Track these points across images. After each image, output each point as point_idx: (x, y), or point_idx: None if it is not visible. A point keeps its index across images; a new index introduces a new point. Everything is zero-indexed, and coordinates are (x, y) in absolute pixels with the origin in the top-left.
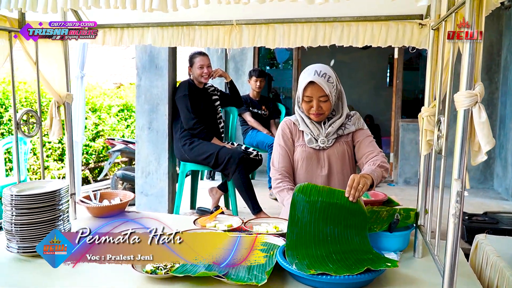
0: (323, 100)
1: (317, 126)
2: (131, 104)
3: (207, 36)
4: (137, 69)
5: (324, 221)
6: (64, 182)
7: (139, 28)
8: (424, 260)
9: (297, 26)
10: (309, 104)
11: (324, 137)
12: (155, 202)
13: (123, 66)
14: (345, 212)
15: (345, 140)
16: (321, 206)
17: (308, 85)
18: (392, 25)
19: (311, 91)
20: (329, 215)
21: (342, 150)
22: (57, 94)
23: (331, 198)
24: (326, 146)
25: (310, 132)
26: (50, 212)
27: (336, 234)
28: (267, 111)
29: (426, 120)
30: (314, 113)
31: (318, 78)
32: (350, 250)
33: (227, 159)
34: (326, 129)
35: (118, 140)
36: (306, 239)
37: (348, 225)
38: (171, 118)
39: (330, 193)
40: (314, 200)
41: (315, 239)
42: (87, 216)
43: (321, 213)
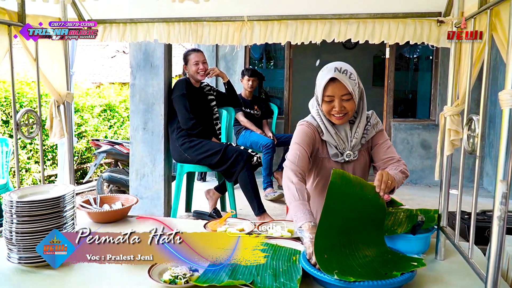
0: (346, 99)
1: (342, 137)
2: (114, 104)
3: (216, 33)
4: (131, 67)
5: (353, 213)
6: (69, 187)
7: (144, 24)
8: (447, 263)
9: (311, 23)
10: (330, 104)
11: (350, 150)
12: (150, 205)
13: (102, 65)
14: (371, 207)
15: (365, 148)
16: (354, 199)
17: (328, 83)
18: (409, 22)
19: (332, 89)
20: (357, 210)
21: (364, 161)
22: (57, 92)
23: (364, 191)
24: (351, 159)
25: (336, 145)
26: (54, 219)
27: (358, 231)
28: (260, 111)
29: (450, 119)
30: (336, 114)
31: (340, 75)
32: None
33: (235, 156)
34: (351, 141)
35: (104, 141)
36: (334, 230)
37: (371, 220)
38: (167, 118)
39: (362, 186)
40: (349, 193)
41: (341, 230)
42: (87, 222)
43: (352, 205)
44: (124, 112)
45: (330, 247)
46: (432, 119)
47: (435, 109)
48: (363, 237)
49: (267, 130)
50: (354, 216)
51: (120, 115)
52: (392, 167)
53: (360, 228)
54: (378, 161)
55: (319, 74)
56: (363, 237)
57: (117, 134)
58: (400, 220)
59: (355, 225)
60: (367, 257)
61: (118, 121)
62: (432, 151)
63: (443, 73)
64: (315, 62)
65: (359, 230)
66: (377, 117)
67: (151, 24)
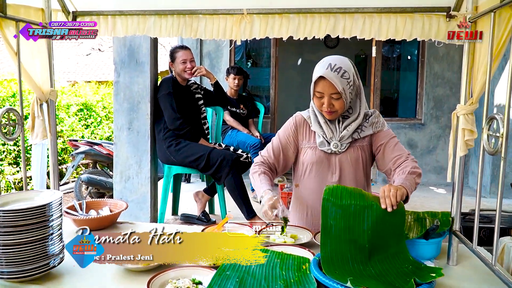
0: (336, 98)
1: (331, 127)
2: (90, 103)
3: (213, 27)
4: (115, 64)
5: (360, 226)
6: (56, 193)
7: (134, 16)
8: (460, 268)
9: (314, 17)
10: (320, 100)
11: (337, 140)
12: (136, 209)
13: (76, 63)
14: (382, 214)
15: (360, 145)
16: (355, 210)
17: (319, 80)
18: (417, 17)
19: (322, 86)
20: (365, 218)
21: (355, 156)
22: (40, 89)
23: (365, 200)
24: (338, 150)
25: (323, 134)
26: (40, 230)
27: (374, 239)
28: (246, 110)
29: (464, 118)
30: (326, 111)
31: (330, 73)
32: (387, 257)
33: (219, 161)
34: (341, 132)
35: (82, 142)
36: (342, 249)
37: (386, 227)
38: (153, 118)
39: (362, 196)
40: (347, 204)
41: (351, 247)
42: (73, 229)
43: (356, 217)
44: (102, 111)
45: (340, 262)
46: (418, 118)
47: (421, 108)
48: (379, 246)
49: (253, 129)
50: (364, 227)
51: (97, 115)
52: (400, 171)
53: (376, 239)
54: (388, 162)
55: (315, 67)
56: (380, 247)
57: (94, 134)
58: (408, 224)
59: (368, 237)
60: (383, 270)
61: (95, 121)
62: (419, 150)
63: (429, 72)
64: (297, 61)
65: (375, 242)
66: (381, 117)
67: (142, 16)
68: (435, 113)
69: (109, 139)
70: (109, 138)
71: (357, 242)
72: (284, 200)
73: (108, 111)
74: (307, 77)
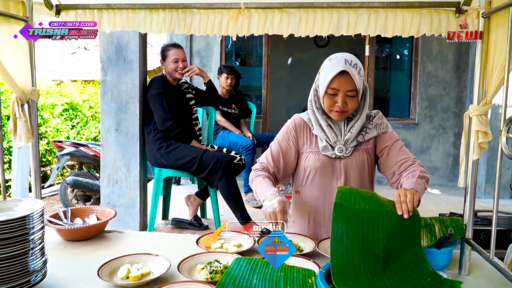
0: (351, 95)
1: (334, 130)
2: (76, 103)
3: (208, 22)
4: (102, 62)
5: (374, 233)
6: (38, 203)
7: (123, 11)
8: (473, 278)
9: (316, 12)
10: (333, 99)
11: (342, 145)
12: (124, 214)
13: (61, 62)
14: (398, 220)
15: (365, 148)
16: (369, 216)
17: (337, 76)
18: (426, 13)
19: (340, 83)
20: (381, 226)
21: (361, 160)
22: (20, 89)
23: (379, 205)
24: (343, 155)
25: (326, 138)
26: (19, 244)
27: (389, 248)
28: (237, 110)
29: (477, 120)
30: (338, 110)
31: (351, 68)
32: (404, 267)
33: (212, 164)
34: (345, 135)
35: (67, 143)
36: (354, 258)
37: (402, 234)
38: (142, 118)
39: (377, 201)
40: (361, 210)
41: (365, 257)
42: (56, 240)
43: (370, 224)
44: (88, 111)
45: (352, 273)
46: (412, 118)
47: (414, 108)
48: (395, 256)
49: (245, 130)
50: (379, 235)
51: (83, 115)
52: (409, 175)
53: (391, 248)
54: (393, 165)
55: (326, 65)
56: (395, 256)
57: (80, 135)
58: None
59: (383, 246)
60: (398, 282)
61: (81, 121)
62: (413, 151)
63: (422, 71)
64: (287, 60)
65: (391, 251)
66: (384, 118)
67: (132, 11)
68: (429, 113)
69: (95, 140)
70: (96, 138)
71: (371, 251)
72: None
73: (95, 111)
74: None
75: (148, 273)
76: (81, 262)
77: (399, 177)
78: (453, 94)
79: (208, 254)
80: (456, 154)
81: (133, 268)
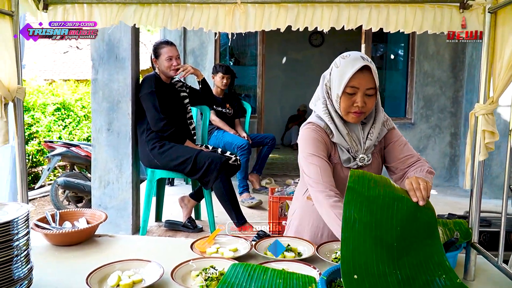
0: (370, 94)
1: (355, 138)
2: (68, 103)
3: (202, 17)
4: (93, 60)
5: (388, 221)
6: (23, 207)
7: (114, 5)
8: (479, 284)
9: (315, 7)
10: (351, 98)
11: (363, 153)
12: (116, 217)
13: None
14: (413, 208)
15: (378, 149)
16: (383, 202)
17: (357, 73)
18: (429, 8)
19: (359, 80)
20: (395, 214)
21: (378, 164)
22: (5, 87)
23: (394, 192)
24: (365, 164)
25: (349, 148)
26: (2, 251)
27: (403, 237)
28: (232, 109)
29: (484, 119)
30: (356, 111)
31: (370, 64)
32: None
33: (207, 164)
34: (365, 143)
35: (58, 143)
36: (366, 247)
37: (417, 224)
38: (134, 118)
39: (391, 187)
40: (375, 195)
41: (377, 245)
42: (43, 245)
43: (384, 211)
44: (80, 111)
45: (362, 264)
46: (408, 117)
47: (411, 108)
48: (410, 246)
49: (240, 130)
50: (393, 222)
51: (75, 114)
52: (418, 169)
53: (406, 238)
54: (395, 161)
55: (340, 62)
56: (410, 247)
57: (72, 135)
58: None
59: (397, 232)
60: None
61: (73, 121)
62: None
63: (419, 71)
64: (281, 60)
65: (402, 239)
66: (386, 113)
67: (122, 5)
68: (425, 113)
69: (88, 140)
70: (88, 139)
71: (384, 240)
72: (275, 206)
73: (88, 111)
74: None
75: (140, 281)
76: (70, 269)
77: (403, 173)
78: (449, 93)
79: (203, 259)
80: (453, 154)
81: (124, 275)
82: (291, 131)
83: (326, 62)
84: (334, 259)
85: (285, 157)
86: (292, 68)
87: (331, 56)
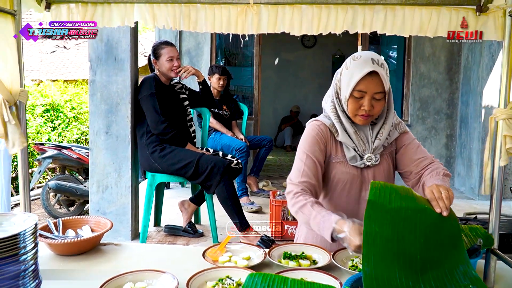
0: (378, 98)
1: (362, 137)
2: (58, 104)
3: (214, 18)
4: (91, 61)
5: (411, 234)
6: (31, 217)
7: (120, 5)
8: None
9: (330, 9)
10: (358, 102)
11: (370, 153)
12: (115, 222)
13: (40, 61)
14: (436, 219)
15: (389, 151)
16: (405, 214)
17: (365, 77)
18: (445, 11)
19: (367, 84)
20: (418, 226)
21: (388, 166)
22: (7, 90)
23: (416, 203)
24: (372, 163)
25: (354, 146)
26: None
27: (427, 250)
28: (229, 111)
29: (505, 124)
30: (364, 114)
31: (380, 69)
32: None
33: (209, 168)
34: (373, 143)
35: (49, 145)
36: (388, 261)
37: (441, 235)
38: (134, 121)
39: (413, 199)
40: (397, 207)
41: (400, 259)
42: (47, 255)
43: (406, 223)
44: (70, 112)
45: (385, 279)
46: (404, 119)
47: (407, 109)
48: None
49: (237, 132)
50: (416, 235)
51: (65, 116)
52: (433, 173)
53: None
54: (409, 164)
55: (350, 64)
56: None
57: (62, 137)
58: None
59: (420, 245)
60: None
61: (63, 122)
62: None
63: (415, 73)
64: (274, 61)
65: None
66: (398, 117)
67: (130, 5)
68: (421, 114)
69: (78, 142)
70: (78, 141)
71: (407, 254)
72: (278, 209)
73: (77, 112)
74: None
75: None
76: (78, 281)
77: (418, 176)
78: (445, 95)
79: (217, 269)
80: (449, 156)
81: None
82: (283, 132)
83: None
84: (351, 267)
85: (279, 159)
86: (284, 69)
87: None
